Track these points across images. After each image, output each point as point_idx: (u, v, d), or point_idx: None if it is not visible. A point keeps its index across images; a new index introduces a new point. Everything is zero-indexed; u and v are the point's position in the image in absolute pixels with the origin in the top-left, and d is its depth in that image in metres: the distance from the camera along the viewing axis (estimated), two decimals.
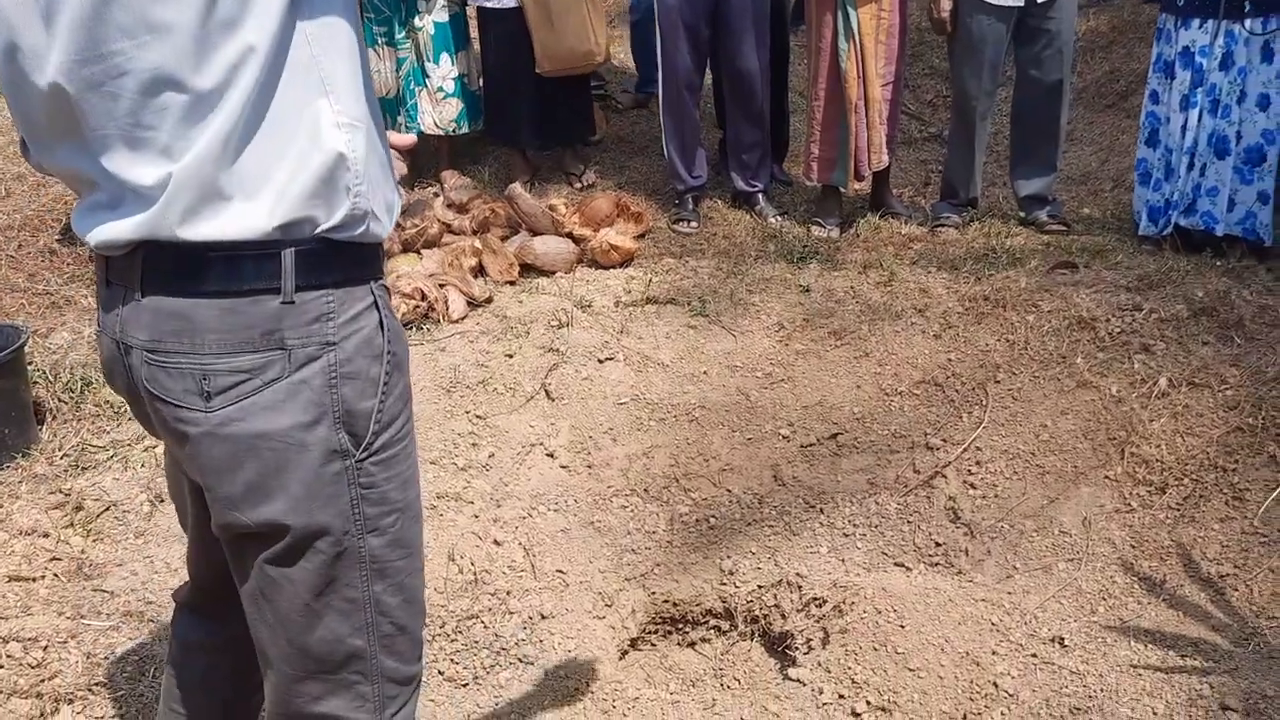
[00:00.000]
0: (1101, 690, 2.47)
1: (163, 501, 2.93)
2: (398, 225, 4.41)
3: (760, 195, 4.86)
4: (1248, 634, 2.55)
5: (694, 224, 4.70)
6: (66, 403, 3.38)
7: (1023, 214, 4.61)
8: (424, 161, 5.28)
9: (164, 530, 2.84)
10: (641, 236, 4.56)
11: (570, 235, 4.40)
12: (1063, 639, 2.65)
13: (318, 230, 1.28)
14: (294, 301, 1.28)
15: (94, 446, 3.16)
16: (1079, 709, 2.44)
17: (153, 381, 1.32)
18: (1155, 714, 2.37)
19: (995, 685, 2.56)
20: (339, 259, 1.31)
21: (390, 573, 1.43)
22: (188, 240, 1.25)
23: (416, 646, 1.52)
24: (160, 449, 3.14)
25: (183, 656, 1.77)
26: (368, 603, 1.41)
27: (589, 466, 3.41)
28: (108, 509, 2.90)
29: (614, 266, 4.31)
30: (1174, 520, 2.88)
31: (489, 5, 4.92)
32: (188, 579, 1.75)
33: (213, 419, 1.29)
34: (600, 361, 3.70)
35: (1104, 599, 2.76)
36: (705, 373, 3.69)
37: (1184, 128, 4.02)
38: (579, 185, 5.15)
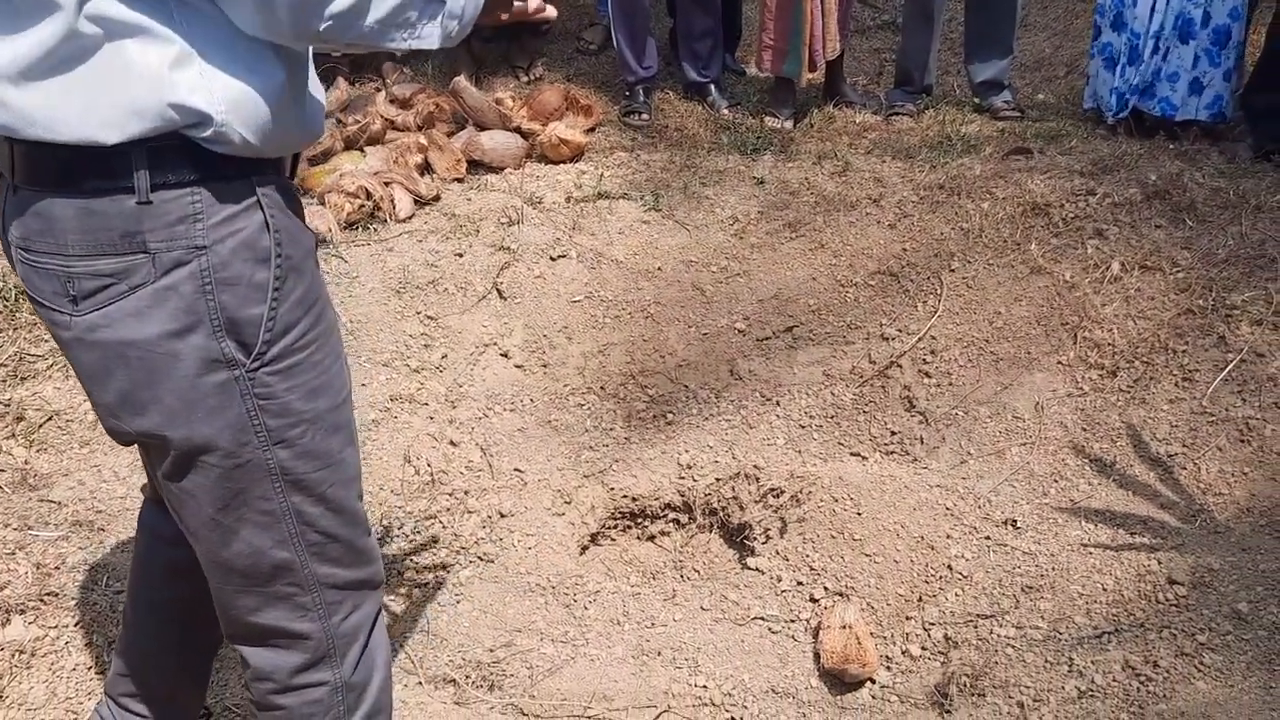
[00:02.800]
0: (1053, 569, 2.53)
1: None
2: (339, 121, 4.27)
3: (712, 86, 4.74)
4: (1195, 511, 2.61)
5: (645, 116, 4.59)
6: (1, 312, 3.27)
7: (977, 100, 4.56)
8: (364, 56, 5.09)
9: (110, 439, 2.78)
10: (592, 130, 4.45)
11: (518, 130, 4.29)
12: (1015, 521, 2.69)
13: (174, 127, 1.20)
14: (150, 201, 1.19)
15: (32, 355, 3.06)
16: (1031, 588, 2.50)
17: (27, 281, 1.26)
18: (1105, 590, 2.43)
19: (949, 568, 2.60)
20: (203, 156, 1.22)
21: (307, 484, 1.37)
22: (18, 114, 1.18)
23: (356, 554, 1.47)
24: None
25: (148, 550, 1.74)
26: (287, 514, 1.37)
27: (544, 366, 3.37)
28: (50, 419, 2.82)
29: (564, 161, 4.21)
30: (1125, 402, 2.92)
31: None
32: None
33: (80, 324, 1.24)
34: (553, 259, 3.63)
35: (1055, 481, 2.81)
36: (660, 268, 3.64)
37: (1152, 10, 3.96)
38: (526, 78, 5.00)
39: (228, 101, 1.21)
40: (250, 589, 1.40)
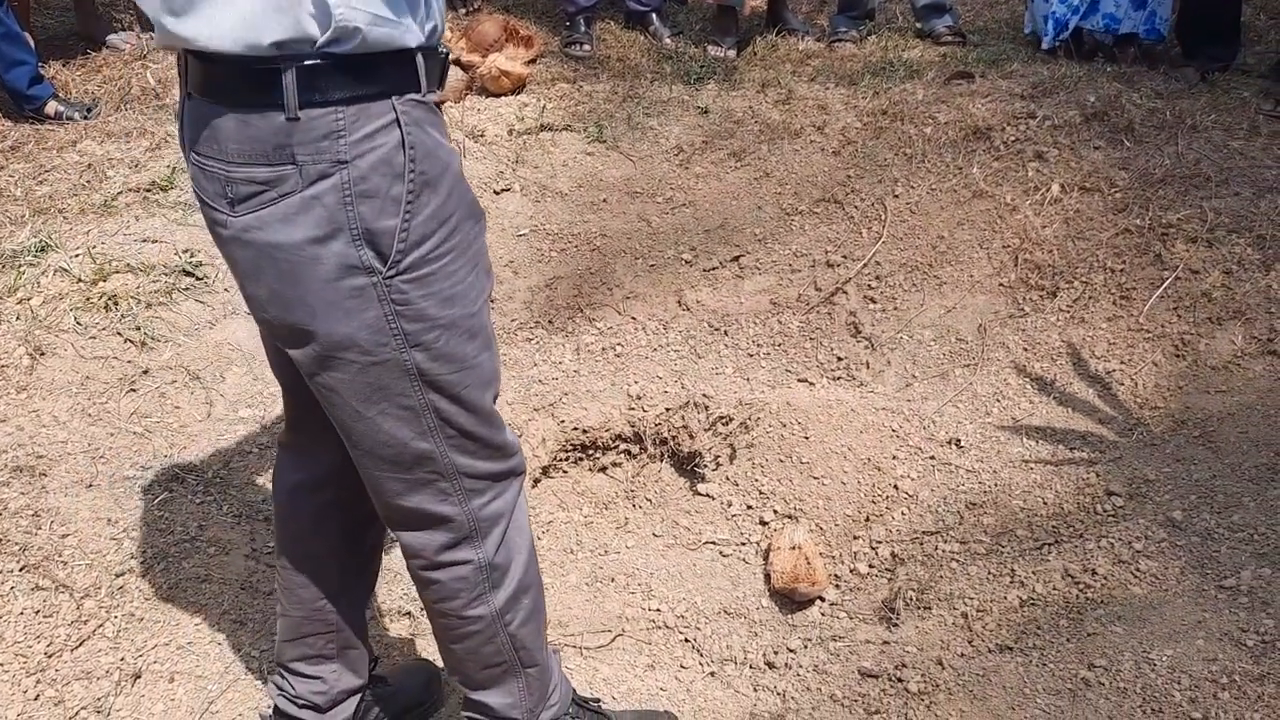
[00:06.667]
0: (995, 485, 2.58)
1: (43, 354, 2.80)
2: None
3: (654, 15, 4.69)
4: (1132, 424, 2.67)
5: (587, 47, 4.53)
6: None
7: (920, 25, 4.55)
8: None
9: (47, 383, 2.72)
10: (533, 61, 4.38)
11: (457, 62, 4.21)
12: (959, 440, 2.74)
13: (318, 46, 1.27)
14: (299, 118, 1.29)
15: None
16: (974, 504, 2.55)
17: (195, 180, 1.39)
18: (1045, 503, 2.49)
19: (896, 488, 2.65)
20: (347, 76, 1.30)
21: (443, 385, 1.48)
22: (181, 35, 1.28)
23: (492, 449, 1.59)
24: (35, 302, 2.99)
25: (290, 504, 1.81)
26: (426, 410, 1.49)
27: (490, 301, 3.34)
28: None
29: (505, 94, 4.15)
30: (1064, 322, 2.97)
31: None
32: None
33: (236, 224, 1.36)
34: (496, 193, 3.59)
35: (998, 400, 2.86)
36: (605, 200, 3.62)
37: None
38: (464, 9, 4.90)
39: None
40: (396, 475, 1.54)
